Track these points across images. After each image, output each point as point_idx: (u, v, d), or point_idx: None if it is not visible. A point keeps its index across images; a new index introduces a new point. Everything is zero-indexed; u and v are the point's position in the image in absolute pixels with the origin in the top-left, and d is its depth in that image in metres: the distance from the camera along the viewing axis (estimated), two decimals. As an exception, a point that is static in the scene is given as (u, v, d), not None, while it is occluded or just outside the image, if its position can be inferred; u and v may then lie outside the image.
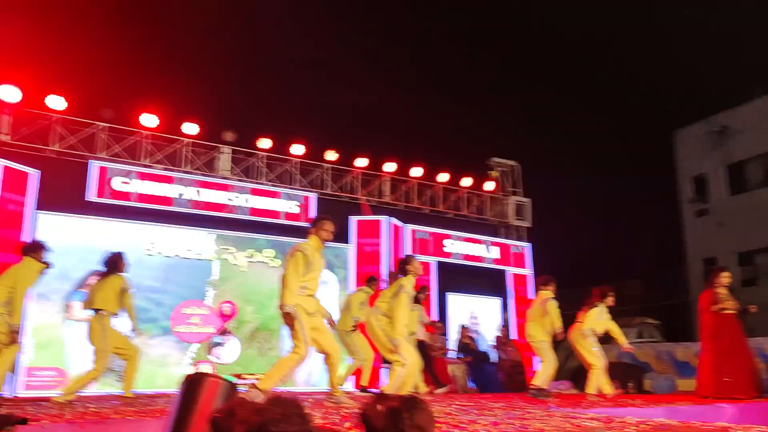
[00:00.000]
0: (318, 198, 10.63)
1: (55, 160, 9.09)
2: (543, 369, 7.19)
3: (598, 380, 7.07)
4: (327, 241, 5.23)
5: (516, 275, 12.26)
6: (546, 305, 7.18)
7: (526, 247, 12.73)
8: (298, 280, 4.91)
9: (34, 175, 8.29)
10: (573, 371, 9.35)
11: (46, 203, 8.36)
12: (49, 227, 8.19)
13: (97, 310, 5.97)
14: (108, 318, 5.99)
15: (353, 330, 7.65)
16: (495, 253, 12.31)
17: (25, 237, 7.75)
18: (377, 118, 12.12)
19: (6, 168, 7.97)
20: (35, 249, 5.86)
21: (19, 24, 8.82)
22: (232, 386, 2.63)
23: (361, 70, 12.62)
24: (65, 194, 8.73)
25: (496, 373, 10.13)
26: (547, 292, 7.34)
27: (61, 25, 9.07)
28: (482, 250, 12.16)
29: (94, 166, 8.97)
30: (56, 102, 9.03)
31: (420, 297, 8.32)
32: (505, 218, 13.12)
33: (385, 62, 12.89)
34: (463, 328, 10.65)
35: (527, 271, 12.42)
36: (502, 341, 10.68)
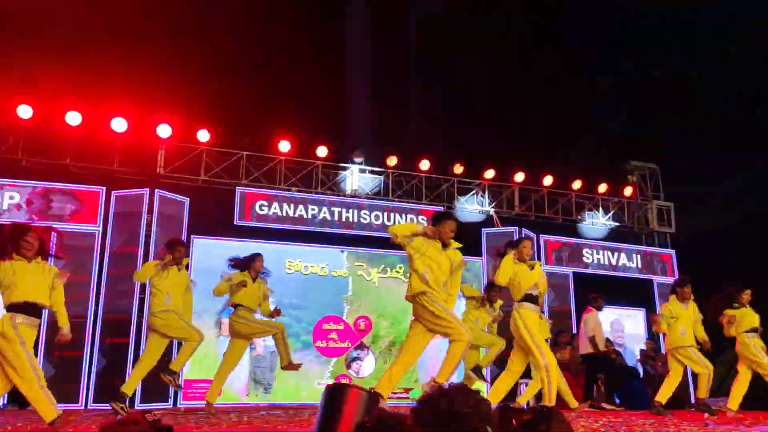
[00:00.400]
0: (446, 212, 10.66)
1: (204, 189, 9.89)
2: (699, 379, 6.70)
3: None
4: (448, 239, 5.20)
5: (662, 284, 11.49)
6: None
7: (670, 254, 11.92)
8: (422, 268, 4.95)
9: (185, 202, 9.07)
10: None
11: (198, 228, 9.11)
12: (202, 250, 8.90)
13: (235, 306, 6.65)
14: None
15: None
16: (637, 261, 11.63)
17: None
18: (504, 129, 11.96)
19: (161, 197, 8.79)
20: (173, 246, 6.46)
21: (167, 69, 9.74)
22: (373, 396, 2.71)
23: (482, 79, 12.55)
24: (214, 219, 9.48)
25: (644, 389, 9.51)
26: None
27: (202, 67, 9.91)
28: (623, 259, 11.54)
29: (240, 193, 9.63)
30: (203, 135, 9.83)
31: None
32: (647, 225, 12.38)
33: (509, 71, 12.72)
34: (608, 342, 10.10)
35: (673, 279, 11.59)
36: (649, 355, 10.03)
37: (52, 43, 9.61)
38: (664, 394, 6.80)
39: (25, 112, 8.80)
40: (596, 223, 11.97)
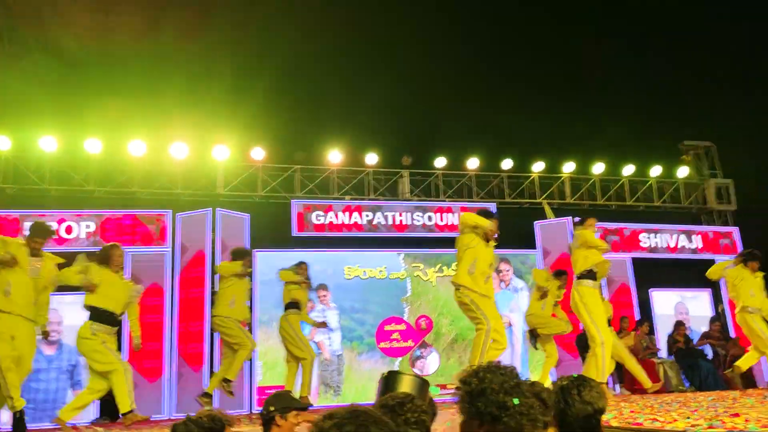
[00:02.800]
0: (497, 208, 10.76)
1: (262, 204, 10.35)
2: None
3: None
4: (489, 237, 5.52)
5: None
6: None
7: (733, 231, 11.63)
8: (468, 264, 5.23)
9: (245, 218, 9.53)
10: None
11: (259, 242, 9.55)
12: (264, 262, 9.33)
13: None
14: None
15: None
16: (698, 242, 11.41)
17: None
18: (550, 119, 11.94)
19: (223, 215, 9.28)
20: (241, 255, 7.11)
21: (220, 93, 10.23)
22: (425, 383, 2.94)
23: (522, 70, 12.56)
24: (274, 232, 9.90)
25: (715, 371, 9.35)
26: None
27: (253, 88, 10.36)
28: (683, 241, 11.35)
29: (296, 205, 10.03)
30: (258, 153, 10.28)
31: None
32: (706, 204, 12.12)
33: (549, 56, 12.68)
34: (680, 325, 9.93)
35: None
36: (716, 336, 9.84)
37: (113, 77, 10.24)
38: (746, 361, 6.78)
39: (93, 145, 9.45)
40: (651, 206, 11.81)
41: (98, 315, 5.44)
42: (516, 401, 1.75)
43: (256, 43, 11.01)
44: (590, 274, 5.92)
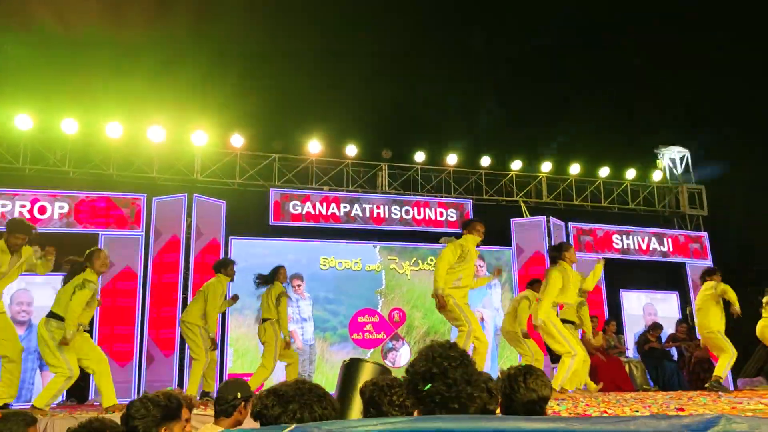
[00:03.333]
0: (474, 204, 10.88)
1: (239, 191, 10.32)
2: (721, 360, 6.81)
3: None
4: (479, 240, 5.54)
5: (694, 267, 11.47)
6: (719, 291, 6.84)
7: (703, 236, 11.87)
8: (445, 269, 5.35)
9: (222, 205, 9.51)
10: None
11: (235, 229, 9.54)
12: (240, 250, 9.33)
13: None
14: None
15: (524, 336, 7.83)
16: (669, 245, 11.63)
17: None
18: (529, 118, 12.08)
19: (199, 201, 9.25)
20: (224, 265, 6.88)
21: (201, 78, 10.17)
22: (386, 370, 3.01)
23: (503, 68, 12.67)
24: (250, 220, 9.90)
25: (678, 372, 9.57)
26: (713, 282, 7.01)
27: (234, 75, 10.32)
28: (655, 243, 11.56)
29: (274, 194, 10.03)
30: (237, 140, 10.24)
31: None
32: (678, 208, 12.35)
33: (530, 55, 12.81)
34: (657, 327, 10.07)
35: (707, 261, 11.56)
36: (682, 337, 10.06)
37: (90, 59, 10.13)
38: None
39: (69, 126, 9.35)
40: (625, 208, 12.01)
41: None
42: (427, 387, 1.80)
43: (238, 29, 10.96)
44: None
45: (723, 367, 6.78)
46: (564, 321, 6.92)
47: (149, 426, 2.43)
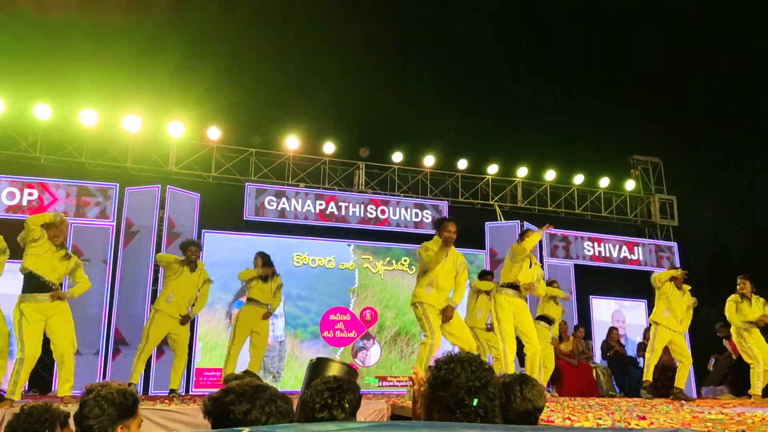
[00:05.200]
0: (450, 206, 10.92)
1: (214, 185, 10.22)
2: (680, 370, 6.96)
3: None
4: (449, 240, 5.56)
5: (663, 276, 11.66)
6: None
7: (673, 246, 12.08)
8: (419, 274, 5.41)
9: (196, 198, 9.41)
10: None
11: (208, 223, 9.45)
12: (213, 244, 9.24)
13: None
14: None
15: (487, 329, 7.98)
16: (640, 254, 11.82)
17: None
18: (507, 123, 12.17)
19: (173, 193, 9.14)
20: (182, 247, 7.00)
21: (178, 69, 10.05)
22: (353, 371, 3.00)
23: (483, 72, 12.75)
24: (225, 214, 9.81)
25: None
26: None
27: (213, 67, 10.22)
28: (626, 251, 11.73)
29: (250, 189, 9.95)
30: (213, 133, 10.13)
31: None
32: (649, 218, 12.55)
33: (509, 61, 12.91)
34: (612, 331, 10.28)
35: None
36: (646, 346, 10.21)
37: (67, 44, 9.95)
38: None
39: (42, 111, 9.17)
40: (598, 216, 12.16)
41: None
42: (475, 402, 1.77)
43: (218, 21, 10.86)
44: (512, 285, 6.18)
45: (683, 378, 6.94)
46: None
47: (105, 426, 2.37)
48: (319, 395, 2.22)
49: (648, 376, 7.22)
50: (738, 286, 7.29)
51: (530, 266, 6.31)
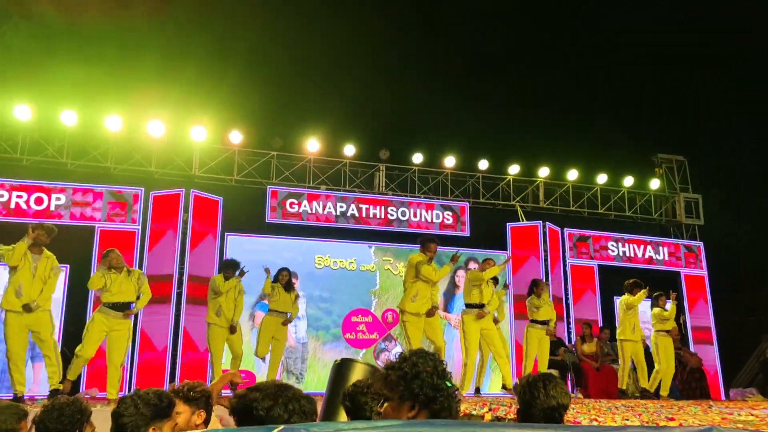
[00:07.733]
0: (471, 207, 10.88)
1: (236, 188, 10.32)
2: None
3: None
4: (431, 258, 6.91)
5: (689, 276, 11.50)
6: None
7: (699, 246, 11.90)
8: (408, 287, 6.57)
9: (218, 201, 9.51)
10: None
11: (231, 226, 9.54)
12: (235, 247, 9.32)
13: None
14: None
15: None
16: (665, 253, 11.66)
17: (216, 256, 8.98)
18: (528, 123, 12.10)
19: (196, 196, 9.24)
20: (226, 267, 7.42)
21: (201, 74, 10.16)
22: (377, 370, 3.01)
23: (503, 72, 12.70)
24: (247, 217, 9.89)
25: (672, 381, 9.57)
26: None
27: (235, 71, 10.31)
28: (650, 251, 11.58)
29: (271, 191, 10.02)
30: (235, 137, 10.23)
31: None
32: (674, 217, 12.38)
33: (529, 60, 12.85)
34: None
35: (702, 271, 11.60)
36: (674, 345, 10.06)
37: (92, 51, 10.10)
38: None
39: (68, 117, 9.33)
40: (622, 216, 12.03)
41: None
42: (448, 384, 1.85)
43: (240, 26, 10.96)
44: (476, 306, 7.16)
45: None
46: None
47: (138, 424, 2.43)
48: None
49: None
50: None
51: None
